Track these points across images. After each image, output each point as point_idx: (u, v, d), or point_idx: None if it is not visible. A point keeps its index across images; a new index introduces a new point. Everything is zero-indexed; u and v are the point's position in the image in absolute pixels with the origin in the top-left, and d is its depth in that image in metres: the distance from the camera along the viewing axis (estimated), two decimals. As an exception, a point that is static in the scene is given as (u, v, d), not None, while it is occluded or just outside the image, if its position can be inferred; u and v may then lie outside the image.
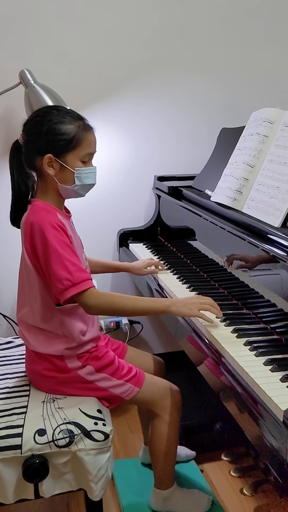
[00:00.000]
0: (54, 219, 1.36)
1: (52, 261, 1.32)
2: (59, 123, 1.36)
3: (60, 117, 1.37)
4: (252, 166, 1.69)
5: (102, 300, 1.38)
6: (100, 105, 2.24)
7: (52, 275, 1.33)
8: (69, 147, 1.37)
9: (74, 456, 1.32)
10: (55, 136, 1.36)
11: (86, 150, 1.40)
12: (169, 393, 1.54)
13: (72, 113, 1.40)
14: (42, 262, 1.35)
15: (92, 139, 1.42)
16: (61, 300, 1.36)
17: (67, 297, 1.33)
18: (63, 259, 1.32)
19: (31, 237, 1.35)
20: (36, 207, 1.40)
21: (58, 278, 1.33)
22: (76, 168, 1.40)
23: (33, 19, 2.08)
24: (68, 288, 1.33)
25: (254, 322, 1.43)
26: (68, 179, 1.41)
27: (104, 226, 2.36)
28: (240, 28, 2.33)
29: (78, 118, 1.40)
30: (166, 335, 2.55)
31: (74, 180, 1.41)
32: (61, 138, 1.36)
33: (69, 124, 1.37)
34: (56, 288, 1.34)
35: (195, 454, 1.90)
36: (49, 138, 1.36)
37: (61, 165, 1.38)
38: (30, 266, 1.38)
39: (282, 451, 0.98)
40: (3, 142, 2.16)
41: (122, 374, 1.48)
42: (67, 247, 1.35)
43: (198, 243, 1.93)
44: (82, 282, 1.33)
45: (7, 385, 1.52)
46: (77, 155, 1.39)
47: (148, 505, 1.64)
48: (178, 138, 2.39)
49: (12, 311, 2.28)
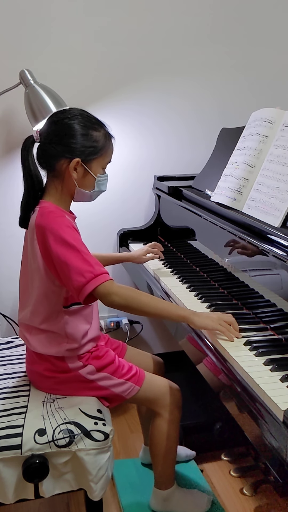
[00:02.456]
0: (65, 220, 1.37)
1: (71, 257, 1.31)
2: (91, 130, 1.38)
3: (90, 123, 1.39)
4: (252, 166, 1.69)
5: (125, 290, 1.35)
6: (99, 105, 2.24)
7: (71, 271, 1.31)
8: (97, 154, 1.40)
9: (74, 456, 1.32)
10: (88, 142, 1.37)
11: (108, 158, 1.45)
12: (169, 392, 1.54)
13: (97, 120, 1.42)
14: (57, 263, 1.33)
15: (113, 147, 1.46)
16: (82, 296, 1.32)
17: (90, 289, 1.30)
18: (82, 254, 1.32)
19: (44, 241, 1.34)
20: (45, 209, 1.39)
21: (79, 272, 1.30)
22: (98, 175, 1.42)
23: (33, 19, 2.08)
24: (91, 279, 1.30)
25: (254, 322, 1.43)
26: (88, 184, 1.43)
27: (104, 226, 2.36)
28: (240, 27, 2.33)
29: (102, 125, 1.42)
30: (166, 335, 2.55)
31: (94, 186, 1.43)
32: (92, 144, 1.38)
33: (98, 131, 1.40)
34: (77, 282, 1.31)
35: (195, 454, 1.90)
36: (82, 143, 1.37)
37: (85, 170, 1.40)
38: (42, 269, 1.37)
39: (282, 451, 0.98)
40: (3, 142, 2.17)
41: (123, 373, 1.48)
42: (83, 244, 1.35)
43: (198, 243, 1.93)
44: (103, 273, 1.33)
45: (7, 385, 1.52)
46: (101, 162, 1.42)
47: (148, 505, 1.64)
48: (178, 138, 2.39)
49: (12, 311, 2.28)
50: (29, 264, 1.43)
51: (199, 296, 1.63)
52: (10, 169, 2.18)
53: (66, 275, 1.33)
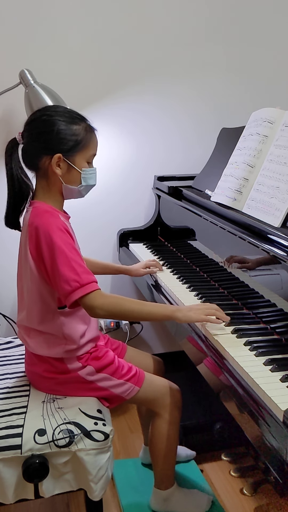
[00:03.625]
0: (59, 222, 1.36)
1: (59, 263, 1.31)
2: (70, 123, 1.37)
3: (68, 117, 1.38)
4: (252, 166, 1.69)
5: (109, 302, 1.35)
6: (99, 105, 2.24)
7: (58, 277, 1.32)
8: (78, 147, 1.38)
9: (74, 456, 1.32)
10: (66, 136, 1.36)
11: (92, 151, 1.42)
12: (169, 392, 1.54)
13: (77, 114, 1.41)
14: (48, 265, 1.34)
15: (96, 140, 1.44)
16: (68, 303, 1.33)
17: (74, 298, 1.31)
18: (71, 261, 1.32)
19: (36, 241, 1.34)
20: (40, 209, 1.39)
21: (66, 280, 1.31)
22: (83, 169, 1.41)
23: (33, 19, 2.08)
24: (76, 289, 1.31)
25: (254, 322, 1.43)
26: (74, 180, 1.41)
27: (104, 226, 2.36)
28: (241, 27, 2.33)
29: (82, 119, 1.41)
30: (166, 335, 2.55)
31: (81, 181, 1.42)
32: (71, 138, 1.37)
33: (77, 125, 1.38)
34: (63, 290, 1.32)
35: (195, 454, 1.90)
36: (60, 137, 1.36)
37: (69, 165, 1.38)
38: (34, 269, 1.37)
39: (282, 451, 0.98)
40: (3, 142, 2.15)
41: (122, 373, 1.48)
42: (74, 249, 1.35)
43: (198, 243, 1.93)
44: (89, 283, 1.32)
45: (7, 385, 1.52)
46: (84, 155, 1.40)
47: (148, 505, 1.64)
48: (178, 138, 2.39)
49: (12, 311, 2.28)
50: (23, 265, 1.43)
51: (199, 296, 1.63)
52: (10, 169, 2.18)
53: (55, 279, 1.34)
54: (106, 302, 1.35)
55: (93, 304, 1.33)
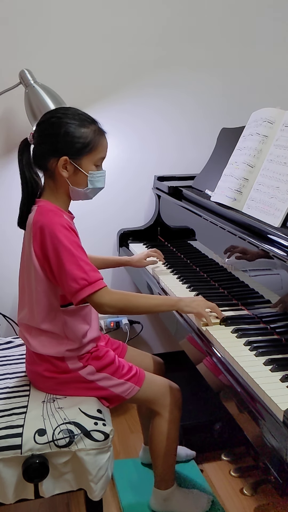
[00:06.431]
0: (63, 220, 1.36)
1: (66, 261, 1.32)
2: (77, 126, 1.37)
3: (78, 120, 1.38)
4: (252, 166, 1.69)
5: (116, 299, 1.38)
6: (100, 105, 2.24)
7: (65, 275, 1.32)
8: (85, 150, 1.38)
9: (74, 456, 1.32)
10: (73, 138, 1.36)
11: (100, 154, 1.42)
12: (169, 391, 1.54)
13: (87, 116, 1.41)
14: (54, 264, 1.34)
15: (106, 143, 1.43)
16: (75, 300, 1.34)
17: (82, 296, 1.32)
18: (78, 259, 1.32)
19: (41, 240, 1.34)
20: (44, 208, 1.39)
21: (74, 278, 1.32)
22: (90, 172, 1.41)
23: (33, 19, 2.08)
24: (84, 287, 1.32)
25: (254, 322, 1.43)
26: (81, 182, 1.41)
27: (104, 226, 2.36)
28: (241, 27, 2.33)
29: (92, 121, 1.41)
30: (166, 335, 2.55)
31: (87, 183, 1.42)
32: (79, 141, 1.37)
33: (86, 128, 1.38)
34: (70, 288, 1.33)
35: (195, 454, 1.90)
36: (67, 140, 1.36)
37: (75, 168, 1.38)
38: (38, 268, 1.37)
39: (282, 451, 0.98)
40: (3, 142, 2.17)
41: (123, 373, 1.48)
42: (79, 248, 1.35)
43: (198, 243, 1.93)
44: (97, 281, 1.34)
45: (7, 385, 1.52)
46: (92, 159, 1.40)
47: (148, 505, 1.64)
48: (178, 138, 2.39)
49: (12, 311, 2.28)
50: (26, 263, 1.43)
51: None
52: (10, 169, 2.18)
53: (61, 278, 1.34)
54: (114, 299, 1.37)
55: (101, 301, 1.35)
